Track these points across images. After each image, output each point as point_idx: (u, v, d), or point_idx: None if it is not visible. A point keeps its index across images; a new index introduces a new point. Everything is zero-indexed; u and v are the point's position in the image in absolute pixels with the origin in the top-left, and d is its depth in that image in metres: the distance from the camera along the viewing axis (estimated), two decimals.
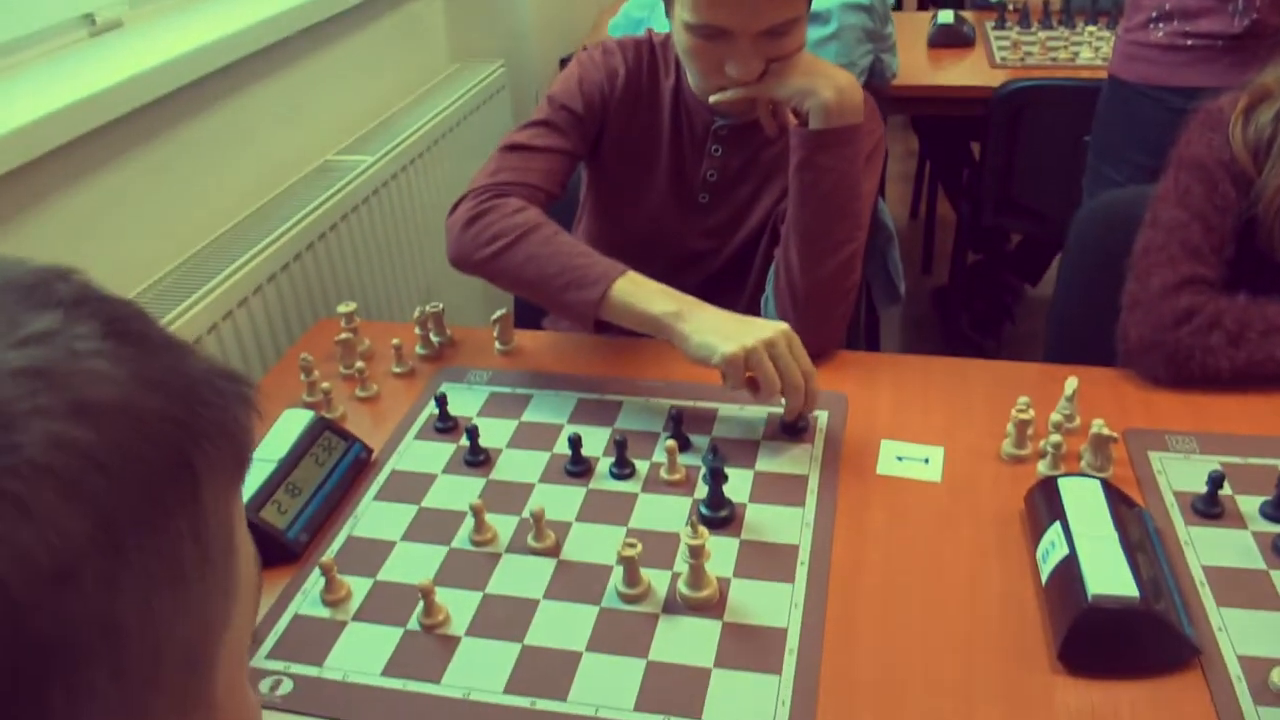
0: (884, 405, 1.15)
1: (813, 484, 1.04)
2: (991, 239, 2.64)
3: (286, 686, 0.87)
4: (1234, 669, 0.81)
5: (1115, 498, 0.93)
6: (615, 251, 1.37)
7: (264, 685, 0.86)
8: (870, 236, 1.95)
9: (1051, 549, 0.89)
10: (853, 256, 1.17)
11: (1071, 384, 1.08)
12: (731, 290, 1.34)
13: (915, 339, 2.69)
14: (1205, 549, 0.93)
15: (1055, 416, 1.05)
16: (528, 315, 1.60)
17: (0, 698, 0.25)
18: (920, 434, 1.09)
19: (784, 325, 1.04)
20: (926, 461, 1.05)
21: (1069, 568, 0.85)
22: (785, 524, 0.99)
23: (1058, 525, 0.90)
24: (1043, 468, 1.03)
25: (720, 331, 1.04)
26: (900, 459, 1.06)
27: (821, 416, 1.13)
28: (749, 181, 1.31)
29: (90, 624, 0.26)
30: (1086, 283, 1.40)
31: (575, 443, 1.06)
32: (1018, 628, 0.86)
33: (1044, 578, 0.89)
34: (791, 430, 1.09)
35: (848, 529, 0.98)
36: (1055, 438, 1.02)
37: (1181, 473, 1.02)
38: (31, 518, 0.25)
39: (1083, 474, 0.98)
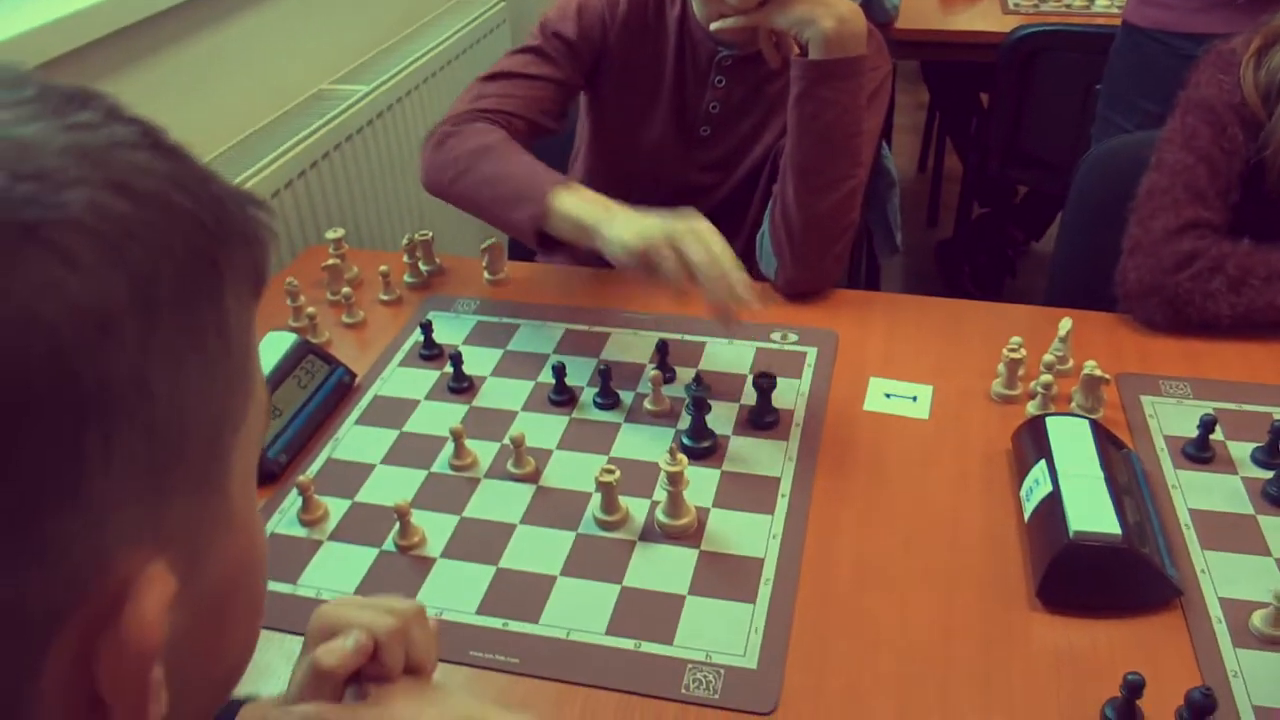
0: (876, 344, 1.13)
1: (798, 417, 1.03)
2: (997, 192, 2.61)
3: None
4: (1215, 611, 0.80)
5: (1104, 438, 0.91)
6: (613, 185, 1.34)
7: None
8: (871, 181, 1.93)
9: (1035, 486, 0.88)
10: (851, 193, 1.14)
11: (1065, 324, 1.06)
12: (732, 226, 1.31)
13: (917, 292, 2.65)
14: (1193, 492, 0.91)
15: (1047, 357, 1.03)
16: (523, 247, 1.58)
17: (44, 437, 0.26)
18: (911, 373, 1.08)
19: (701, 221, 0.96)
20: (915, 399, 1.04)
21: (1052, 505, 0.84)
22: (768, 456, 0.98)
23: (1043, 463, 0.88)
24: (1032, 408, 1.01)
25: (632, 227, 0.99)
26: (889, 396, 1.05)
27: (810, 353, 1.12)
28: (752, 115, 1.28)
29: (126, 379, 0.28)
30: (1089, 230, 1.38)
31: (559, 372, 1.05)
32: (998, 565, 0.85)
33: (1026, 515, 0.88)
34: (725, 321, 0.99)
35: (831, 463, 0.96)
36: (1046, 378, 1.00)
37: (1173, 417, 1.00)
38: (78, 269, 0.27)
39: (1076, 414, 0.97)
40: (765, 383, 0.99)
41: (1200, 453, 0.95)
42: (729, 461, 0.97)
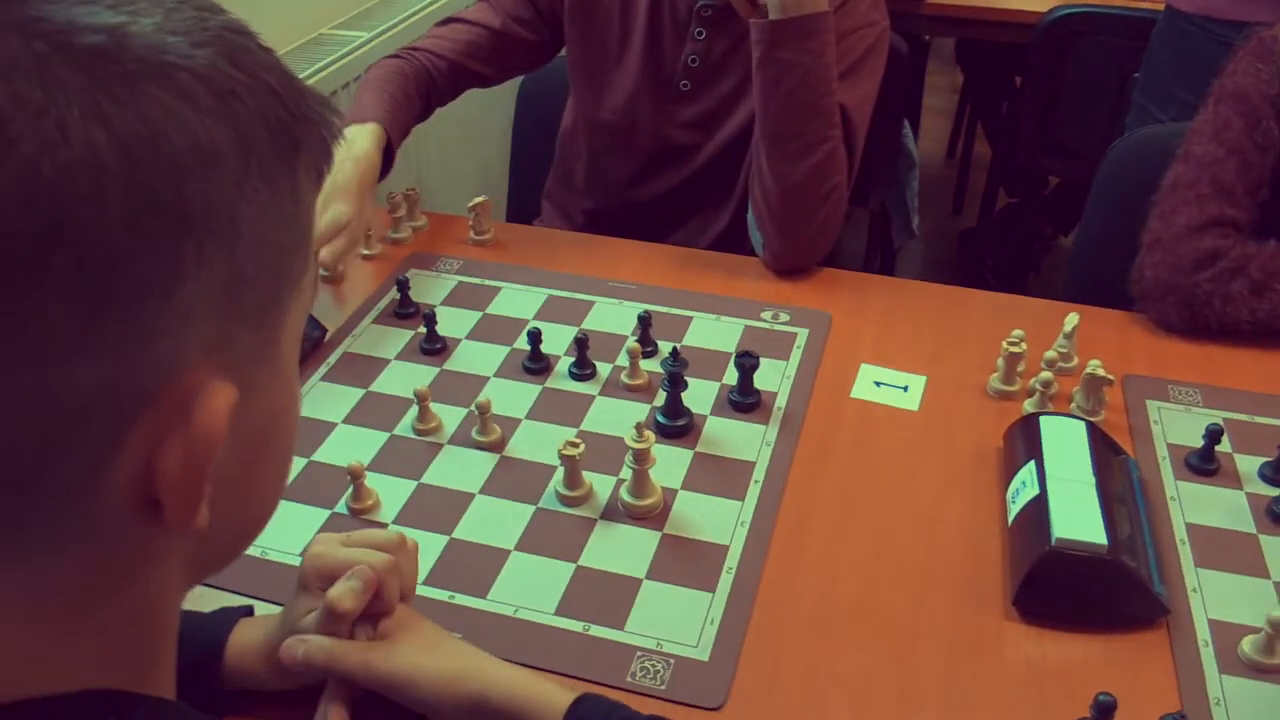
0: (870, 329, 1.10)
1: (780, 401, 0.99)
2: (1027, 182, 2.55)
3: None
4: (1203, 633, 0.77)
5: (1100, 442, 0.88)
6: (591, 140, 1.31)
7: None
8: (890, 162, 1.89)
9: (1022, 488, 0.84)
10: (827, 159, 1.10)
11: (1071, 320, 1.03)
12: (718, 192, 1.28)
13: (935, 281, 2.61)
14: (1192, 506, 0.88)
15: (1050, 354, 0.99)
16: (524, 207, 1.55)
17: (156, 233, 0.32)
18: (904, 361, 1.04)
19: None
20: (905, 389, 1.01)
21: (1037, 509, 0.81)
22: (744, 439, 0.95)
23: (1032, 465, 0.85)
24: (1029, 406, 0.98)
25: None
26: (878, 384, 1.01)
27: (801, 334, 1.09)
28: (735, 72, 1.23)
29: (222, 208, 0.34)
30: (1111, 223, 1.33)
31: (534, 338, 1.02)
32: (976, 568, 0.82)
33: (1010, 518, 0.84)
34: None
35: (810, 451, 0.93)
36: (1045, 375, 0.96)
37: (1180, 425, 0.97)
38: (199, 110, 0.34)
39: (1073, 415, 0.93)
40: (748, 362, 0.96)
41: (1204, 464, 0.91)
42: (703, 443, 0.95)
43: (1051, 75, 2.01)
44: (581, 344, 1.02)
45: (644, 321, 1.05)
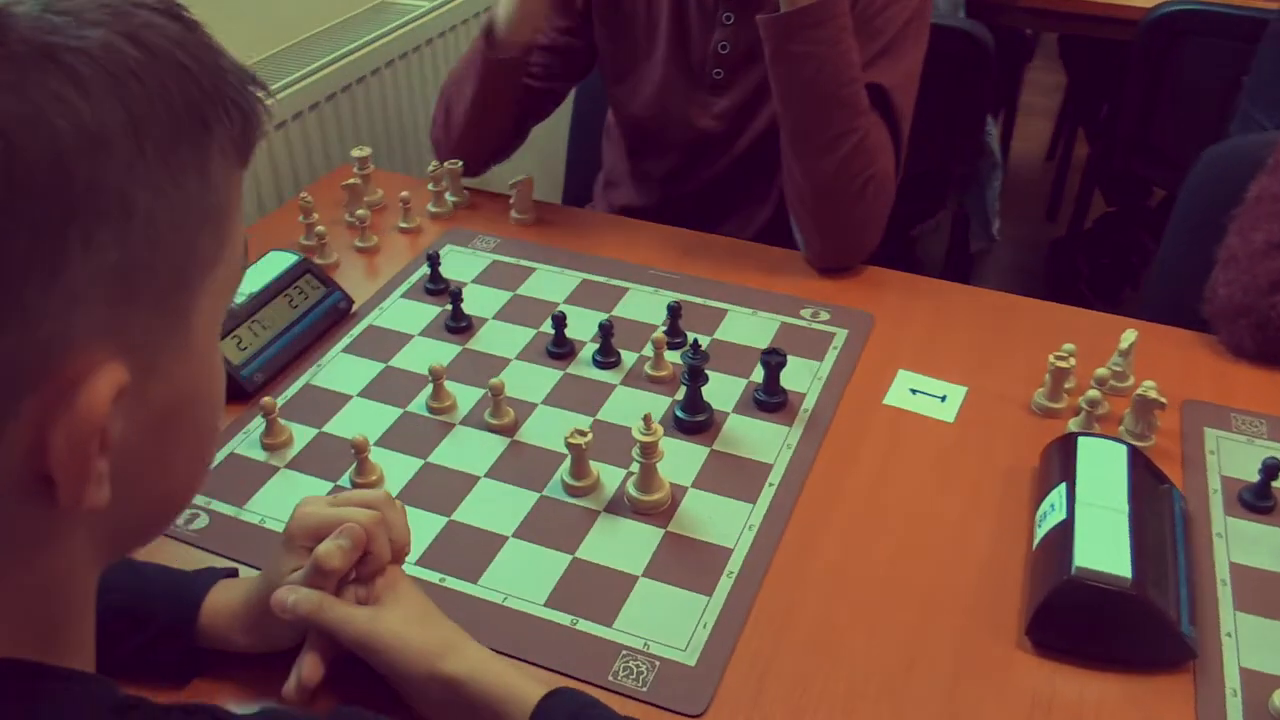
0: (913, 333, 1.06)
1: (808, 402, 0.97)
2: (1127, 190, 2.44)
3: (202, 521, 0.86)
4: (1232, 681, 0.72)
5: (1141, 468, 0.83)
6: (627, 137, 1.29)
7: (180, 518, 0.85)
8: (971, 162, 1.83)
9: (1050, 511, 0.80)
10: (857, 149, 1.05)
11: (1129, 336, 0.97)
12: (760, 180, 1.25)
13: (1017, 289, 2.52)
14: (1240, 544, 0.83)
15: (1102, 371, 0.94)
16: (577, 191, 1.55)
17: (38, 217, 0.33)
18: (944, 369, 1.01)
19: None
20: (943, 399, 0.97)
21: (1062, 534, 0.77)
22: (765, 440, 0.93)
23: (1063, 487, 0.81)
24: (1073, 426, 0.93)
25: None
26: (914, 392, 0.98)
27: (839, 334, 1.05)
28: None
29: (111, 191, 0.35)
30: (1194, 236, 1.26)
31: (559, 322, 1.02)
32: (992, 593, 0.78)
33: (1035, 542, 0.80)
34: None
35: (832, 457, 0.91)
36: (1093, 393, 0.92)
37: (1238, 456, 0.91)
38: (88, 94, 0.34)
39: (1115, 438, 0.88)
40: (774, 360, 0.94)
41: (1258, 500, 0.86)
42: (721, 440, 0.93)
43: (1153, 76, 1.91)
44: (606, 331, 1.00)
45: (673, 312, 1.03)
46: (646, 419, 0.84)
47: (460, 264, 1.17)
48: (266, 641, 0.69)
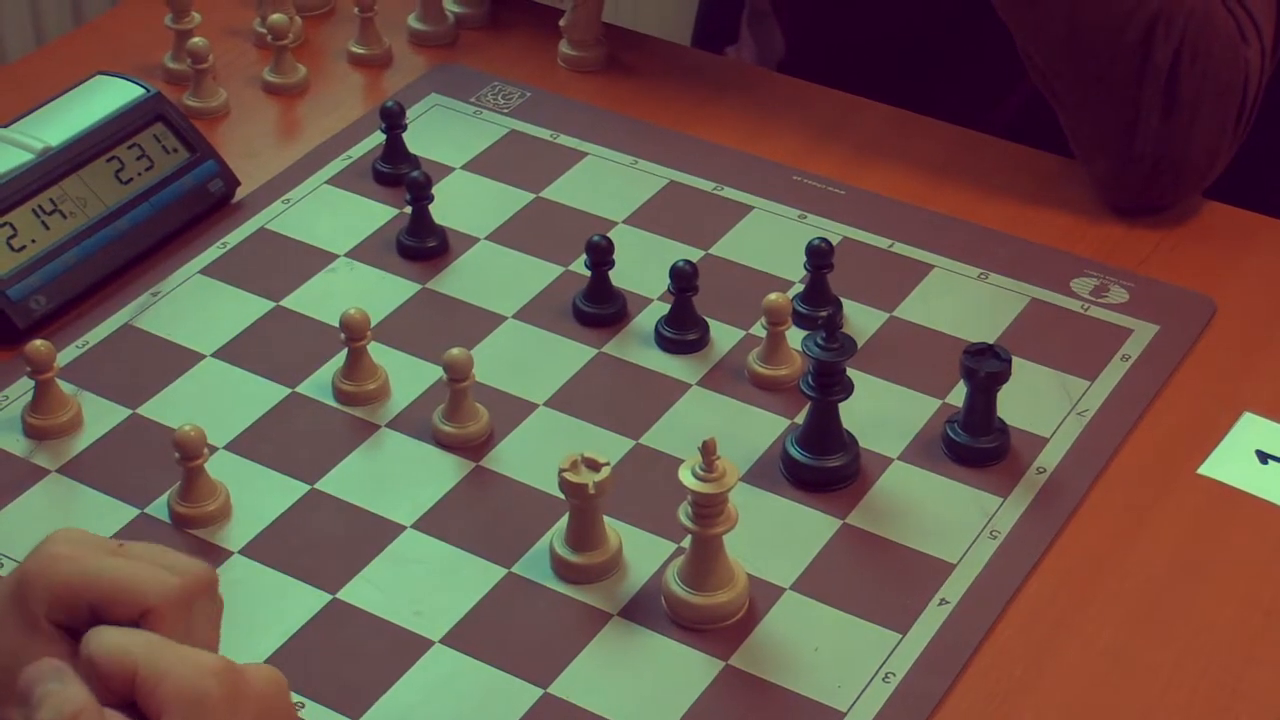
0: None
1: (1048, 457, 0.67)
2: None
3: None
4: None
5: None
6: None
7: None
8: None
9: None
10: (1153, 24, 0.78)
11: None
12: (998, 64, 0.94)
13: None
14: None
15: None
16: (717, 36, 1.24)
17: None
18: None
19: None
20: None
21: None
22: (951, 517, 0.64)
23: None
24: None
25: None
26: (1266, 460, 0.67)
27: (1139, 332, 0.74)
28: None
29: None
30: None
31: (598, 254, 0.72)
32: None
33: None
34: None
35: (1071, 575, 0.62)
36: None
37: None
38: None
39: None
40: (986, 368, 0.67)
41: None
42: (864, 509, 0.65)
43: None
44: (685, 279, 0.70)
45: (817, 257, 0.70)
46: (707, 449, 0.55)
47: (445, 131, 0.87)
48: None
